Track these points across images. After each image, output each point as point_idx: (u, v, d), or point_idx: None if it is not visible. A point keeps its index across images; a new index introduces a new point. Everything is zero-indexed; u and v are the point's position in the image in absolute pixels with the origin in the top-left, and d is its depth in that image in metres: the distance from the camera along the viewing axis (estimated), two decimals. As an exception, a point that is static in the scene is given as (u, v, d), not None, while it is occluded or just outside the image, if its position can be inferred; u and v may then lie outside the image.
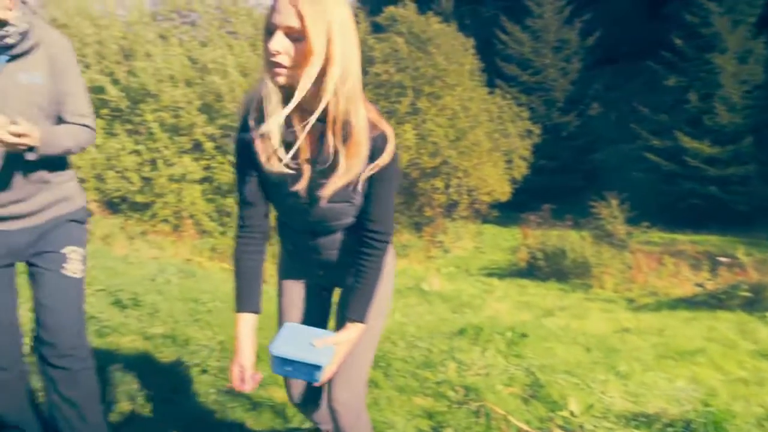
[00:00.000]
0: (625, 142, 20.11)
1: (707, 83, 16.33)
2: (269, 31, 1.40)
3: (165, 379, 2.91)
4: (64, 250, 1.96)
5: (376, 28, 16.44)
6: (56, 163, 1.91)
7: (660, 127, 17.40)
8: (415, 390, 2.88)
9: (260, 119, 1.46)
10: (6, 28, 1.73)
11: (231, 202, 11.05)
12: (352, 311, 1.65)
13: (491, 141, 16.06)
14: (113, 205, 10.58)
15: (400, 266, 14.30)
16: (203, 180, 11.29)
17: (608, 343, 4.53)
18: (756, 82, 16.04)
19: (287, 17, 1.36)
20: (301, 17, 1.35)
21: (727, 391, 3.81)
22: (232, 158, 11.16)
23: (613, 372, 3.55)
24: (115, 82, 10.55)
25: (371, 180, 1.55)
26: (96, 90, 10.54)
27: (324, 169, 1.50)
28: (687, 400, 2.98)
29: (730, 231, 14.77)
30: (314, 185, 1.53)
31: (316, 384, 1.68)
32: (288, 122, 1.46)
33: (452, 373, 3.12)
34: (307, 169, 1.52)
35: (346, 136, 1.46)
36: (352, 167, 1.48)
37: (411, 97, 14.84)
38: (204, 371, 2.96)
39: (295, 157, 1.49)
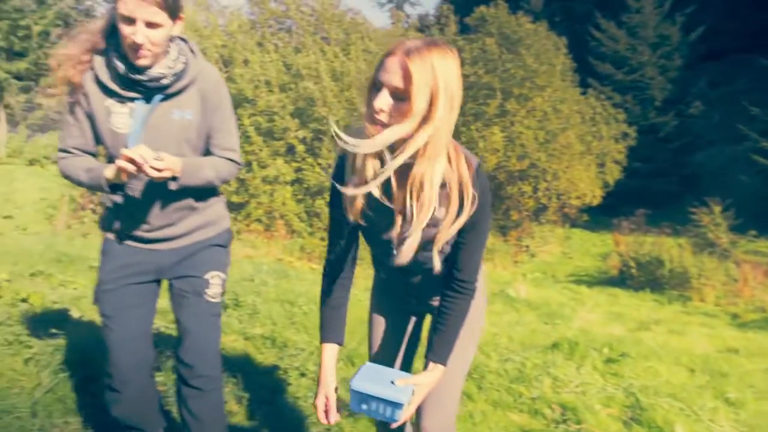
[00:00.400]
0: (730, 143, 18.78)
1: (828, 80, 14.96)
2: (376, 87, 1.45)
3: (266, 381, 3.05)
4: (207, 276, 2.10)
5: (466, 29, 16.30)
6: (202, 191, 2.06)
7: (771, 127, 16.15)
8: (509, 405, 2.86)
9: (354, 167, 1.53)
10: (162, 71, 1.87)
11: (320, 204, 11.36)
12: (434, 353, 1.66)
13: (583, 144, 15.49)
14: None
15: (485, 271, 14.17)
16: (294, 182, 11.69)
17: (714, 365, 4.26)
18: None
19: (395, 77, 1.41)
20: (408, 80, 1.39)
21: None
22: (322, 161, 11.49)
23: (722, 398, 3.34)
24: (215, 88, 11.14)
25: (461, 229, 1.56)
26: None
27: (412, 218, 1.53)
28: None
29: None
30: (405, 233, 1.56)
31: (394, 425, 1.67)
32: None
33: (547, 389, 3.07)
34: (398, 218, 1.56)
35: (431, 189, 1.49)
36: (432, 218, 1.52)
37: (499, 98, 14.59)
38: (302, 374, 3.07)
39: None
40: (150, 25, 1.76)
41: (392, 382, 1.61)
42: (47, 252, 6.33)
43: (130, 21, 1.75)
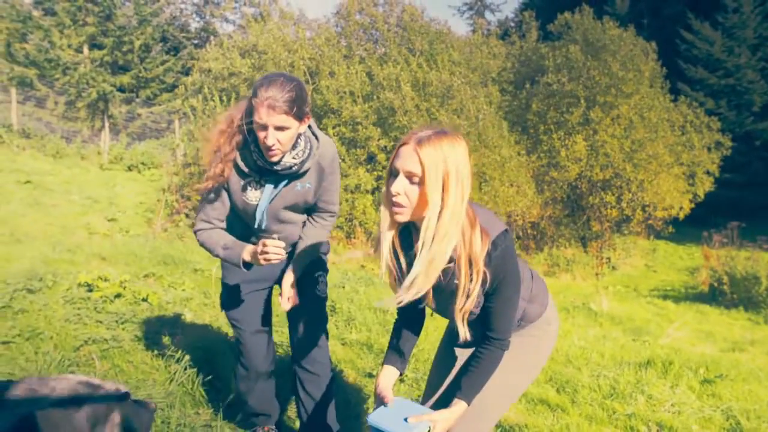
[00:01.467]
0: (838, 152, 17.49)
1: None
2: (393, 173, 1.65)
3: (365, 386, 3.25)
4: (316, 274, 2.51)
5: (548, 36, 16.08)
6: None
7: None
8: (603, 421, 2.90)
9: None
10: (291, 161, 2.23)
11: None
12: (461, 391, 1.77)
13: (673, 154, 14.88)
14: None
15: (564, 282, 13.87)
16: (374, 190, 11.97)
17: (820, 391, 4.07)
18: None
19: (410, 163, 1.60)
20: (422, 165, 1.58)
21: None
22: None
23: (829, 426, 3.22)
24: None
25: (488, 294, 1.72)
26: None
27: (444, 287, 1.73)
28: None
29: None
30: (439, 298, 1.78)
31: None
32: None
33: (642, 406, 3.08)
34: (429, 290, 1.76)
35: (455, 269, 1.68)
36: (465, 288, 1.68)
37: (583, 106, 14.29)
38: (401, 380, 3.25)
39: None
40: (279, 128, 2.10)
41: (406, 420, 1.70)
42: (153, 255, 6.86)
43: (264, 127, 2.10)
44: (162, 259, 6.43)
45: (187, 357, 3.07)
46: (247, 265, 2.25)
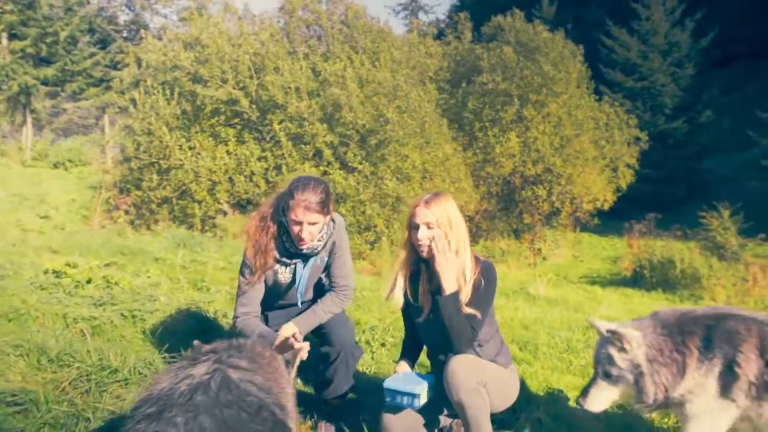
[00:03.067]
0: (740, 149, 19.14)
1: (836, 88, 15.32)
2: (413, 227, 2.53)
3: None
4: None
5: (482, 38, 16.76)
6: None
7: (781, 134, 16.49)
8: (563, 371, 3.33)
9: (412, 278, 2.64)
10: (316, 244, 2.76)
11: (343, 209, 11.80)
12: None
13: (597, 148, 15.92)
14: (242, 206, 11.66)
15: (501, 272, 14.57)
16: (320, 185, 12.15)
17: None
18: None
19: (426, 217, 2.50)
20: (434, 215, 2.49)
21: None
22: (350, 165, 11.94)
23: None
24: (247, 95, 11.67)
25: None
26: (230, 102, 11.68)
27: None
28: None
29: None
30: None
31: (415, 409, 2.46)
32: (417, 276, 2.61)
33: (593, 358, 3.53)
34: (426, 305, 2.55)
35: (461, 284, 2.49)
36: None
37: (516, 105, 15.04)
38: (383, 345, 3.54)
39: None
40: (311, 224, 2.62)
41: (411, 381, 2.44)
42: (107, 246, 6.82)
43: (299, 223, 2.60)
44: (119, 250, 6.42)
45: (171, 332, 3.23)
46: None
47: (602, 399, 2.39)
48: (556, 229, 17.06)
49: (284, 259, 2.78)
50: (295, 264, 2.82)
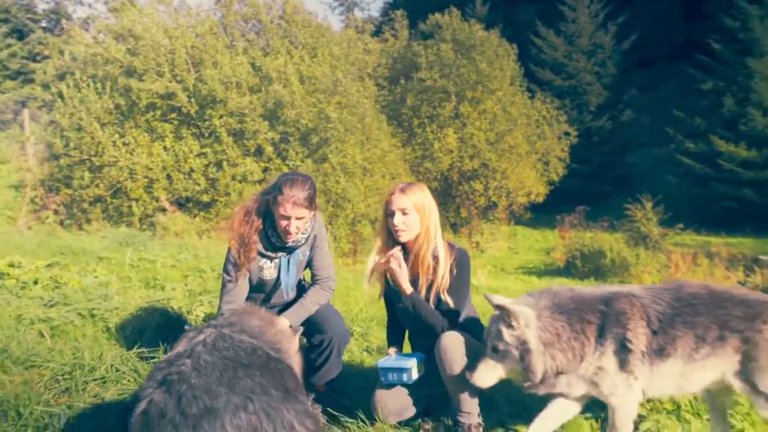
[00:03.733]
0: (658, 146, 20.35)
1: (743, 87, 16.55)
2: (390, 213, 2.68)
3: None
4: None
5: (423, 35, 17.01)
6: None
7: (695, 130, 17.64)
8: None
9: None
10: (301, 237, 2.86)
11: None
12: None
13: (529, 144, 16.53)
14: (181, 204, 11.34)
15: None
16: (260, 181, 11.99)
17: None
18: (792, 86, 16.26)
19: (401, 203, 2.66)
20: (409, 203, 2.65)
21: None
22: (289, 162, 11.86)
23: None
24: (185, 89, 11.33)
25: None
26: (167, 96, 11.32)
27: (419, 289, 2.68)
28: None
29: (765, 233, 15.04)
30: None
31: (408, 384, 2.61)
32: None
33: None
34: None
35: (434, 266, 2.67)
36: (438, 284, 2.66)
37: (454, 102, 15.38)
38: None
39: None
40: (299, 218, 2.72)
41: (402, 359, 2.63)
42: (44, 247, 6.51)
43: (287, 218, 2.69)
44: (58, 250, 6.15)
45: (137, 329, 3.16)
46: None
47: (489, 374, 2.41)
48: (493, 223, 17.57)
49: (269, 253, 2.85)
50: (280, 258, 2.89)
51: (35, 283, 4.24)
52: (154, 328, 3.30)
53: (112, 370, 2.61)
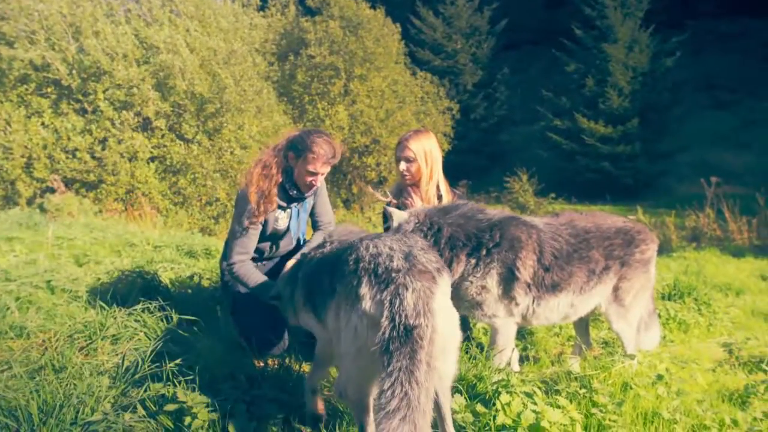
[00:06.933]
0: (529, 123, 22.03)
1: (602, 70, 18.40)
2: (397, 159, 3.23)
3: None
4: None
5: (310, 12, 16.91)
6: None
7: (561, 109, 19.31)
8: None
9: (397, 195, 3.36)
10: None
11: (183, 182, 11.28)
12: None
13: (417, 120, 17.19)
14: (68, 185, 10.49)
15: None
16: (154, 158, 11.42)
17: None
18: (642, 69, 18.34)
19: (405, 152, 3.20)
20: (412, 152, 3.19)
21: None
22: (185, 136, 11.39)
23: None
24: (64, 60, 10.41)
25: None
26: (43, 68, 10.38)
27: None
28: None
29: (620, 202, 17.00)
30: None
31: None
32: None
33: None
34: None
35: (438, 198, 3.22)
36: None
37: (344, 79, 15.55)
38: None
39: None
40: (323, 174, 2.98)
41: None
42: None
43: (315, 174, 2.90)
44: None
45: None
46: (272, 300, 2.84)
47: None
48: (383, 195, 18.08)
49: (285, 204, 3.03)
50: (292, 208, 3.07)
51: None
52: (141, 289, 3.24)
53: (122, 326, 2.57)
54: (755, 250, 9.08)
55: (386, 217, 2.92)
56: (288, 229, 3.10)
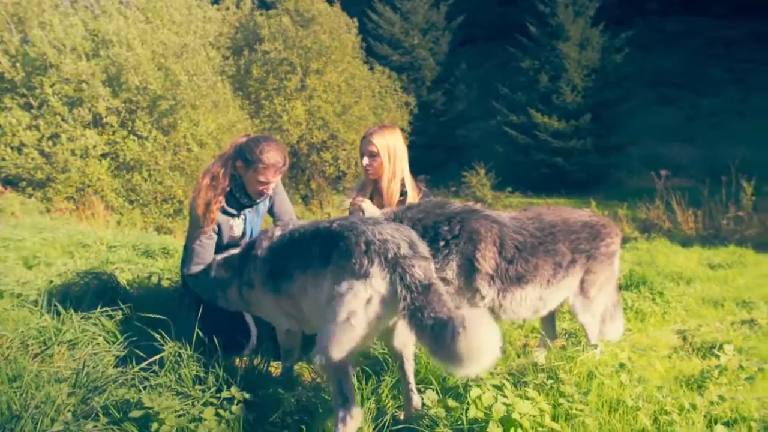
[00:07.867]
0: (486, 118, 22.31)
1: (555, 66, 18.78)
2: (362, 154, 3.28)
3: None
4: None
5: (266, 5, 16.65)
6: None
7: (516, 104, 19.62)
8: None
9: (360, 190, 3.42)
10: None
11: (138, 179, 10.97)
12: None
13: (375, 115, 17.17)
14: (12, 184, 10.04)
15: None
16: (107, 155, 11.05)
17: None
18: (594, 66, 18.81)
19: (369, 147, 3.23)
20: (375, 146, 3.23)
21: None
22: (138, 133, 11.06)
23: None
24: (6, 52, 9.94)
25: None
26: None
27: None
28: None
29: (574, 195, 17.44)
30: None
31: None
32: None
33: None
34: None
35: (402, 201, 3.28)
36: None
37: (300, 74, 15.40)
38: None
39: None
40: (274, 182, 2.96)
41: None
42: None
43: (265, 183, 2.90)
44: None
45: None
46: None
47: None
48: (343, 193, 18.03)
49: (235, 211, 3.03)
50: (246, 214, 3.07)
51: None
52: (95, 292, 3.10)
53: (79, 330, 2.46)
54: (702, 240, 9.45)
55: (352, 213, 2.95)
56: (243, 234, 3.11)
